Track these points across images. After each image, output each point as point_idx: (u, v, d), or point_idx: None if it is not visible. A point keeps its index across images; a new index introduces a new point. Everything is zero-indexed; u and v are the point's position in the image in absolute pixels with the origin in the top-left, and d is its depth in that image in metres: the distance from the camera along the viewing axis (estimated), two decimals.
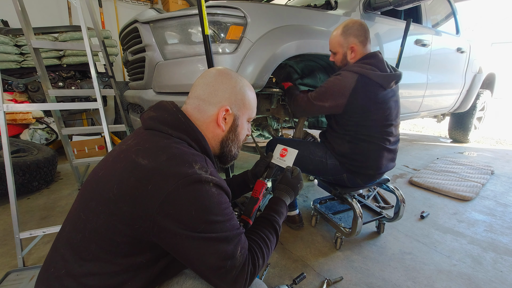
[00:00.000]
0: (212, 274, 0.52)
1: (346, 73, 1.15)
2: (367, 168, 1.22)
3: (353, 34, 1.18)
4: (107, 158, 0.59)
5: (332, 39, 1.25)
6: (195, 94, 0.67)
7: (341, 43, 1.21)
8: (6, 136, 1.16)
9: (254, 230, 0.66)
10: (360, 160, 1.21)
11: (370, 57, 1.18)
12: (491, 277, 1.16)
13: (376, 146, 1.19)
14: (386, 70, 1.15)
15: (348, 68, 1.17)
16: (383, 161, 1.22)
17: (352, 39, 1.19)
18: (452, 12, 2.72)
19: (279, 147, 1.00)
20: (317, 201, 1.62)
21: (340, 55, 1.24)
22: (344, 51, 1.22)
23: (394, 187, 1.41)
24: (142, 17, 1.24)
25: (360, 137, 1.19)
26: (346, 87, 1.12)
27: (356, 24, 1.19)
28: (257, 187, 0.84)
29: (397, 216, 1.39)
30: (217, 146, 0.70)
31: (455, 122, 3.63)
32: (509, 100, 7.35)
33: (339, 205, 1.65)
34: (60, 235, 0.56)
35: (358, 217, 1.24)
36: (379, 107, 1.14)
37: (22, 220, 1.63)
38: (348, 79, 1.12)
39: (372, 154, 1.20)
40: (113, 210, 0.50)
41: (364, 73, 1.11)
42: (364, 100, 1.12)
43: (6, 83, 2.78)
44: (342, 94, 1.13)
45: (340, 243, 1.35)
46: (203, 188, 0.51)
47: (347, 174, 1.27)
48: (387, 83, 1.12)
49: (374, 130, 1.17)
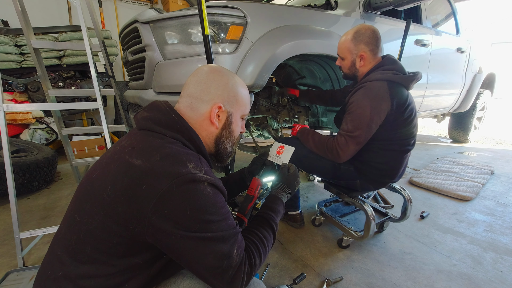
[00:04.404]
0: (209, 274, 0.52)
1: (372, 84, 1.06)
2: (385, 176, 1.19)
3: (364, 41, 1.12)
4: (102, 160, 0.59)
5: (341, 43, 1.17)
6: (187, 92, 0.67)
7: (350, 49, 1.14)
8: (6, 136, 1.16)
9: (250, 229, 0.66)
10: (380, 168, 1.17)
11: (388, 63, 1.12)
12: (491, 277, 1.16)
13: (398, 153, 1.14)
14: (406, 72, 1.11)
15: (371, 78, 1.09)
16: (402, 167, 1.19)
17: (363, 47, 1.12)
18: (452, 12, 2.72)
19: (276, 144, 1.00)
20: (322, 203, 1.59)
21: (349, 61, 1.17)
22: (353, 58, 1.16)
23: (400, 187, 1.39)
24: (142, 17, 1.24)
25: (385, 145, 1.13)
26: (383, 97, 1.04)
27: (368, 31, 1.12)
28: (253, 185, 0.84)
29: (404, 216, 1.37)
30: (212, 144, 0.70)
31: (455, 122, 3.63)
32: (509, 100, 7.36)
33: (344, 207, 1.61)
34: (56, 237, 0.56)
35: (371, 221, 1.21)
36: (406, 108, 1.09)
37: (22, 220, 1.63)
38: (379, 88, 1.04)
39: (395, 162, 1.16)
40: (107, 211, 0.50)
41: (390, 79, 1.06)
42: (398, 105, 1.06)
43: (6, 83, 2.78)
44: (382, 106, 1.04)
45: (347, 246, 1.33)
46: (198, 188, 0.51)
47: (361, 180, 1.23)
48: (409, 84, 1.09)
49: (399, 135, 1.11)
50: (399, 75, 1.07)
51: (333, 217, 1.43)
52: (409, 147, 1.17)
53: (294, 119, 1.92)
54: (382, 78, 1.07)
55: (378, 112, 1.04)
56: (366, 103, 1.04)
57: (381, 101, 1.04)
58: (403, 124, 1.10)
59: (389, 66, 1.12)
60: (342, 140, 1.08)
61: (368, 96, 1.05)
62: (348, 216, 1.53)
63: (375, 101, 1.04)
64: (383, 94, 1.04)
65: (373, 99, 1.04)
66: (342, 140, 1.08)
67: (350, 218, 1.51)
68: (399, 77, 1.07)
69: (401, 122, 1.09)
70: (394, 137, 1.12)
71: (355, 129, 1.06)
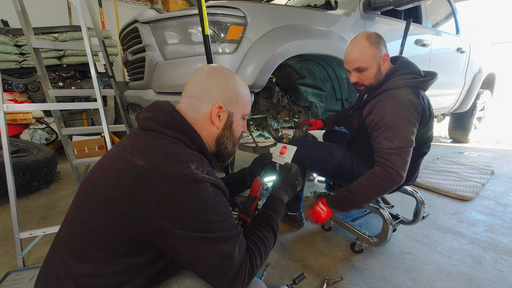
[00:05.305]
0: (210, 273, 0.52)
1: (398, 92, 1.01)
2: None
3: (381, 43, 1.07)
4: (104, 160, 0.59)
5: (361, 53, 1.05)
6: (188, 93, 0.67)
7: (374, 55, 1.05)
8: (6, 136, 1.16)
9: (251, 229, 0.66)
10: None
11: (404, 66, 1.08)
12: (491, 277, 1.16)
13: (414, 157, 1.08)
14: (422, 74, 1.08)
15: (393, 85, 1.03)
16: (417, 170, 1.16)
17: (383, 48, 1.07)
18: (452, 12, 2.72)
19: (279, 145, 1.00)
20: None
21: (374, 68, 1.07)
22: (378, 63, 1.07)
23: (412, 189, 1.35)
24: (142, 17, 1.24)
25: None
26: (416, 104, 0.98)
27: (375, 34, 1.08)
28: (255, 186, 0.84)
29: (417, 219, 1.31)
30: (213, 144, 0.70)
31: (455, 122, 3.63)
32: (509, 100, 7.36)
33: (353, 210, 1.54)
34: (58, 237, 0.56)
35: (389, 226, 1.16)
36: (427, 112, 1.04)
37: (22, 220, 1.63)
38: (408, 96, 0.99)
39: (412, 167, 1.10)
40: (110, 211, 0.50)
41: (413, 84, 1.02)
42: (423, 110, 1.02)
43: (6, 83, 2.79)
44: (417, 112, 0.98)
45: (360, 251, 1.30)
46: (200, 188, 0.51)
47: None
48: (428, 87, 1.06)
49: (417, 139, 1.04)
50: (419, 80, 1.03)
51: (345, 222, 1.37)
52: (426, 149, 1.14)
53: (294, 119, 1.92)
54: (406, 85, 1.02)
55: (416, 118, 0.99)
56: (401, 113, 0.97)
57: (416, 108, 0.99)
58: (422, 128, 1.06)
59: (406, 69, 1.07)
60: (397, 158, 0.97)
61: (401, 105, 0.98)
62: (360, 220, 1.47)
63: (410, 110, 0.98)
64: (414, 101, 0.98)
65: (407, 107, 0.98)
66: (398, 159, 0.97)
67: (362, 222, 1.45)
68: (419, 81, 1.03)
69: (422, 127, 1.05)
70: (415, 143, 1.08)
71: (404, 143, 0.97)
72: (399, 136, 0.97)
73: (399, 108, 0.98)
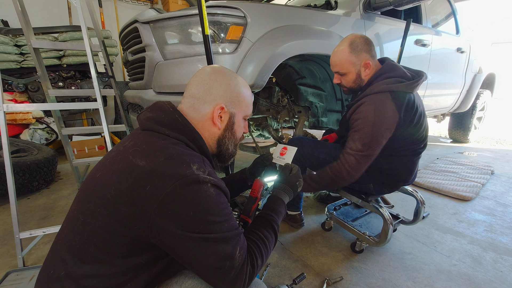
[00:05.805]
0: (211, 274, 0.52)
1: (376, 98, 1.02)
2: (399, 181, 1.19)
3: (364, 49, 1.08)
4: (105, 160, 0.59)
5: (339, 59, 1.10)
6: (189, 93, 0.67)
7: (353, 61, 1.08)
8: (6, 136, 1.16)
9: (252, 230, 0.66)
10: (394, 174, 1.17)
11: (388, 70, 1.08)
12: (491, 277, 1.16)
13: (410, 157, 1.13)
14: (408, 76, 1.07)
15: (374, 90, 1.04)
16: (415, 170, 1.18)
17: (364, 55, 1.08)
18: (452, 12, 2.72)
19: (279, 146, 1.00)
20: (331, 207, 1.53)
21: (353, 74, 1.11)
22: (357, 70, 1.10)
23: (412, 189, 1.35)
24: (142, 17, 1.24)
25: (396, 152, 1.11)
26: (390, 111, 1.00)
27: (361, 39, 1.09)
28: (255, 187, 0.84)
29: (417, 219, 1.32)
30: (214, 145, 0.70)
31: (455, 122, 3.63)
32: (509, 100, 7.36)
33: (354, 210, 1.55)
34: (59, 237, 0.56)
35: (389, 226, 1.17)
36: (415, 114, 1.06)
37: (22, 220, 1.63)
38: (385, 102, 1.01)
39: (407, 166, 1.14)
40: (111, 211, 0.50)
41: (393, 89, 1.02)
42: (406, 114, 1.03)
43: (6, 83, 2.79)
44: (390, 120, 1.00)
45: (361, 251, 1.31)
46: (201, 189, 0.51)
47: (374, 184, 1.22)
48: (414, 89, 1.05)
49: (410, 140, 1.09)
50: (402, 84, 1.03)
51: (345, 222, 1.38)
52: (420, 149, 1.15)
53: (294, 119, 1.92)
54: (385, 89, 1.03)
55: (388, 127, 1.01)
56: (373, 119, 1.00)
57: (389, 115, 1.00)
58: (413, 130, 1.07)
59: (391, 73, 1.07)
60: (352, 160, 1.03)
61: (375, 112, 1.00)
62: (360, 220, 1.47)
63: (382, 116, 1.00)
64: (390, 108, 1.00)
65: (380, 115, 1.00)
66: (353, 160, 1.03)
67: (362, 222, 1.45)
68: (403, 85, 1.03)
69: (411, 129, 1.06)
70: (405, 144, 1.10)
71: (365, 148, 1.01)
72: (363, 140, 1.02)
73: (371, 114, 1.01)
